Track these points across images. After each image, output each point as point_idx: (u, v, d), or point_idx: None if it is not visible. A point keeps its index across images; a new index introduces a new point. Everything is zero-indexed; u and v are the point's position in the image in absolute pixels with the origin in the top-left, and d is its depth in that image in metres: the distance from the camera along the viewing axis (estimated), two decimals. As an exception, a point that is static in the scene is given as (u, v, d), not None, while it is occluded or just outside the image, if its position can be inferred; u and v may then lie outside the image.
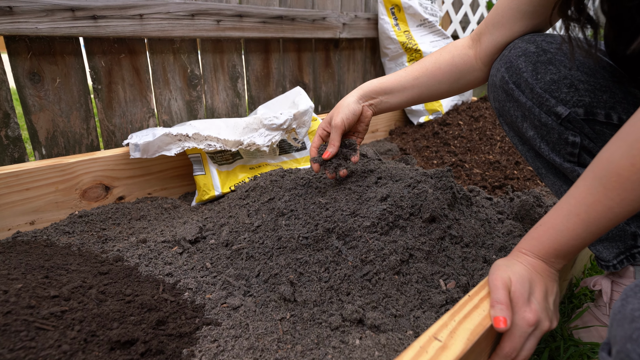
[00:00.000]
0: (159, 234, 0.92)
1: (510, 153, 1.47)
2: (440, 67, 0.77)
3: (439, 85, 0.78)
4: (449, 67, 0.76)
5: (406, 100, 0.80)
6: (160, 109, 1.32)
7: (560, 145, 0.64)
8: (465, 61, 0.76)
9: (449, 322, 0.47)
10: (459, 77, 0.77)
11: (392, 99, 0.80)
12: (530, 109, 0.65)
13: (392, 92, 0.79)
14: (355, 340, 0.57)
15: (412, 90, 0.79)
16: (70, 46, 1.10)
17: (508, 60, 0.67)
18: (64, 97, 1.12)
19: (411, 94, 0.79)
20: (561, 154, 0.65)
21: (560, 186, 0.69)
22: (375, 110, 0.82)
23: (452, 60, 0.76)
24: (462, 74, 0.76)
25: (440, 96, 0.80)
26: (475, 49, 0.75)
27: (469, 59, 0.76)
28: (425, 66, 0.78)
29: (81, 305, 0.58)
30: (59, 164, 0.98)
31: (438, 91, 0.79)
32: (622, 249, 0.65)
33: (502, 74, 0.67)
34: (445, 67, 0.76)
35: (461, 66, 0.76)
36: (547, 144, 0.66)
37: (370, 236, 0.70)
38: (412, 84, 0.78)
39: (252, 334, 0.61)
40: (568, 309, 0.79)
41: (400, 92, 0.79)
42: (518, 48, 0.66)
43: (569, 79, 0.61)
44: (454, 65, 0.76)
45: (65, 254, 0.81)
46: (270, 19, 1.46)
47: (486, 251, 0.75)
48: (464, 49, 0.76)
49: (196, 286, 0.73)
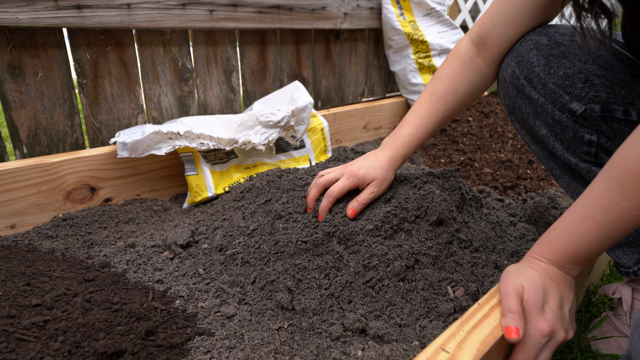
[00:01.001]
0: (148, 238, 0.92)
1: (523, 151, 1.47)
2: (460, 97, 0.76)
3: (458, 110, 0.78)
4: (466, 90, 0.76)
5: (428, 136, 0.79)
6: (150, 105, 1.32)
7: (576, 144, 0.64)
8: (478, 75, 0.75)
9: (457, 332, 0.47)
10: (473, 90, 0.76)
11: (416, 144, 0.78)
12: (542, 105, 0.64)
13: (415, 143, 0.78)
14: (357, 352, 0.57)
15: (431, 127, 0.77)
16: (53, 38, 1.10)
17: (519, 54, 0.67)
18: (46, 92, 1.12)
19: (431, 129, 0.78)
20: (576, 154, 0.65)
21: (575, 187, 0.70)
22: None
23: (466, 81, 0.75)
24: (477, 87, 0.76)
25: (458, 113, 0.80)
26: (484, 54, 0.74)
27: (480, 70, 0.75)
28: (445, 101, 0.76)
29: (65, 314, 0.58)
30: (41, 163, 0.98)
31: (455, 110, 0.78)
32: None
33: (513, 68, 0.67)
34: (463, 92, 0.76)
35: (476, 81, 0.75)
36: (561, 143, 0.66)
37: (374, 240, 0.70)
38: (437, 126, 0.77)
39: (248, 344, 0.61)
40: (585, 318, 0.79)
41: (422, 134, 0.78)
42: (529, 41, 0.66)
43: (584, 73, 0.61)
44: (470, 85, 0.75)
45: (48, 259, 0.81)
46: (267, 9, 1.46)
47: (497, 256, 0.75)
48: (472, 61, 0.75)
49: (188, 294, 0.73)
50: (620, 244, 0.67)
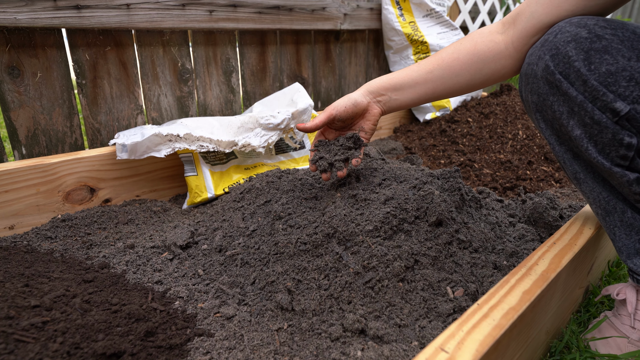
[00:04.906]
0: (147, 239, 0.93)
1: (522, 152, 1.47)
2: (459, 58, 0.73)
3: (457, 78, 0.74)
4: (469, 56, 0.72)
5: (418, 97, 0.78)
6: (149, 106, 1.32)
7: (612, 147, 0.60)
8: (490, 48, 0.71)
9: (457, 333, 0.47)
10: (482, 67, 0.72)
11: (403, 96, 0.78)
12: (581, 104, 0.60)
13: (401, 88, 0.77)
14: (357, 352, 0.57)
15: (424, 86, 0.76)
16: (51, 38, 1.11)
17: (554, 47, 0.61)
18: (45, 92, 1.12)
19: (424, 90, 0.76)
20: (610, 157, 0.61)
21: (599, 193, 0.66)
22: (384, 108, 0.80)
23: (473, 48, 0.72)
24: (486, 63, 0.72)
25: (459, 91, 0.77)
26: (508, 32, 0.70)
27: (495, 46, 0.71)
28: (441, 57, 0.75)
29: (64, 315, 0.58)
30: (40, 164, 0.99)
31: (456, 86, 0.75)
32: None
33: (547, 62, 0.62)
34: (465, 56, 0.72)
35: (485, 54, 0.71)
36: (595, 145, 0.61)
37: (373, 241, 0.70)
38: (425, 78, 0.75)
39: (247, 345, 0.62)
40: (584, 318, 0.79)
41: (411, 88, 0.77)
42: (566, 32, 0.61)
43: (628, 70, 0.57)
44: (475, 54, 0.72)
45: (47, 260, 0.81)
46: (267, 9, 1.46)
47: (496, 257, 0.75)
48: (490, 34, 0.72)
49: (187, 294, 0.73)
50: (637, 252, 0.65)
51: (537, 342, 0.63)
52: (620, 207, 0.65)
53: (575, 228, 0.74)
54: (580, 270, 0.73)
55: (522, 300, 0.54)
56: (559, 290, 0.65)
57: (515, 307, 0.52)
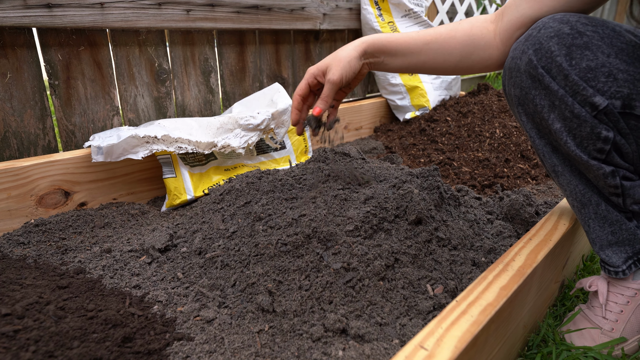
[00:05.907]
0: (125, 242, 0.91)
1: (500, 150, 1.50)
2: (455, 36, 0.74)
3: (449, 56, 0.75)
4: (465, 37, 0.74)
5: (407, 66, 0.79)
6: (126, 107, 1.30)
7: (590, 141, 0.62)
8: (483, 34, 0.74)
9: (436, 330, 0.48)
10: (472, 51, 0.74)
11: (395, 62, 0.79)
12: (562, 98, 0.61)
13: (396, 54, 0.78)
14: (338, 352, 0.57)
15: (417, 56, 0.77)
16: (22, 38, 1.07)
17: (537, 42, 0.63)
18: (16, 93, 1.09)
19: (415, 60, 0.77)
20: (588, 150, 0.62)
21: (575, 185, 0.68)
22: (372, 68, 0.81)
23: (470, 30, 0.74)
24: (476, 48, 0.74)
25: (444, 70, 0.78)
26: (497, 23, 0.73)
27: (487, 33, 0.73)
28: (439, 32, 0.76)
29: (37, 323, 0.56)
30: (11, 167, 0.96)
31: (444, 64, 0.76)
32: (630, 254, 0.67)
33: (530, 56, 0.63)
34: (461, 36, 0.74)
35: (478, 38, 0.74)
36: (574, 139, 0.63)
37: (354, 240, 0.70)
38: (420, 49, 0.76)
39: (228, 348, 0.61)
40: (560, 312, 0.81)
41: (404, 57, 0.78)
42: (549, 28, 0.62)
43: (607, 66, 0.59)
44: (470, 36, 0.74)
45: (20, 267, 0.78)
46: (245, 9, 1.45)
47: (475, 253, 0.77)
48: (485, 22, 0.74)
49: (166, 298, 0.72)
50: (610, 243, 0.67)
51: (515, 337, 0.65)
52: (595, 199, 0.67)
53: (550, 224, 0.76)
54: (556, 265, 0.75)
55: (500, 296, 0.55)
56: (535, 285, 0.67)
57: (493, 302, 0.53)
